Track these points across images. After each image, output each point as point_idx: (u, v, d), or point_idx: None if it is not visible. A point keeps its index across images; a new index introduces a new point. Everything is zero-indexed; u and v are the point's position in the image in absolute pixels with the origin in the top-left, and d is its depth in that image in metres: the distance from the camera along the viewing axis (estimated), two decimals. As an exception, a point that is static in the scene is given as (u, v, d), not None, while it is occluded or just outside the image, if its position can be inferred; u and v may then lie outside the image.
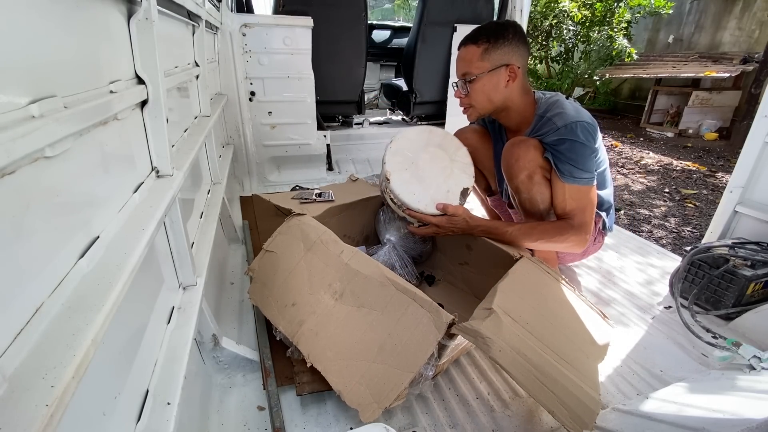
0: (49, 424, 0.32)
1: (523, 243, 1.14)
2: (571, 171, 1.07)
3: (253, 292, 1.05)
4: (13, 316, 0.38)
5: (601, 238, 1.34)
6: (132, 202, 0.66)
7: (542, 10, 6.13)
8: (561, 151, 1.08)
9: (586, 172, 1.08)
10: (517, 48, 1.12)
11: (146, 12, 0.71)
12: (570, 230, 1.09)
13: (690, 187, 3.51)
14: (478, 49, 1.11)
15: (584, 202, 1.10)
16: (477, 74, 1.13)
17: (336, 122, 2.81)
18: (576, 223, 1.10)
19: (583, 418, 0.71)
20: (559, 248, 1.17)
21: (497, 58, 1.11)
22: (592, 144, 1.08)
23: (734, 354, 0.99)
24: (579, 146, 1.07)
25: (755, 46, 5.36)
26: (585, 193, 1.10)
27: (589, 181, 1.09)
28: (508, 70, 1.12)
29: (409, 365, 0.80)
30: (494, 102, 1.17)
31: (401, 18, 11.29)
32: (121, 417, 0.56)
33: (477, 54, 1.12)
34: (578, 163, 1.07)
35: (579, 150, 1.07)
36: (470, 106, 1.20)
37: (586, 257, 1.41)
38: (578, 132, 1.06)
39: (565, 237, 1.10)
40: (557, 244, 1.12)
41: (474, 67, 1.13)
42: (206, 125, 1.30)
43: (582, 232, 1.10)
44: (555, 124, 1.09)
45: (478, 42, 1.12)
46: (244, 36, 2.09)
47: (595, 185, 1.11)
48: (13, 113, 0.38)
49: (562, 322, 0.94)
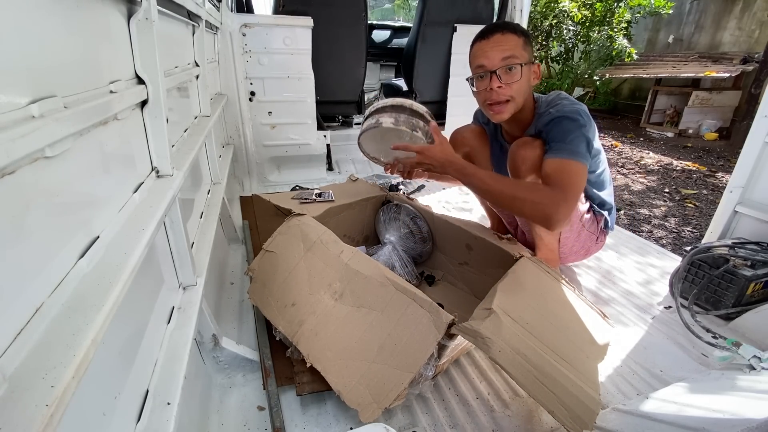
0: (49, 424, 0.32)
1: (492, 187, 1.04)
2: (558, 147, 1.04)
3: (253, 292, 1.05)
4: (13, 316, 0.38)
5: (603, 238, 1.34)
6: (132, 202, 0.66)
7: (542, 10, 6.13)
8: (550, 130, 1.07)
9: (571, 146, 1.03)
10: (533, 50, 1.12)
11: (146, 12, 0.71)
12: (547, 193, 1.00)
13: (690, 187, 3.51)
14: (520, 39, 1.06)
15: (567, 177, 1.02)
16: (524, 61, 1.07)
17: (336, 122, 2.81)
18: (555, 191, 1.00)
19: (583, 418, 0.71)
20: (528, 210, 1.01)
21: (530, 54, 1.10)
22: (582, 121, 1.05)
23: (734, 354, 0.99)
24: (566, 122, 1.04)
25: (755, 46, 5.36)
26: (568, 167, 1.02)
27: (574, 156, 1.02)
28: (536, 66, 1.12)
29: (409, 365, 0.80)
30: (525, 97, 1.13)
31: (401, 18, 11.28)
32: (121, 417, 0.56)
33: (520, 43, 1.06)
34: (565, 140, 1.03)
35: (566, 126, 1.04)
36: (508, 101, 1.10)
37: (588, 257, 1.41)
38: (568, 111, 1.06)
39: (539, 196, 1.00)
40: (526, 205, 1.00)
41: (520, 54, 1.06)
42: (206, 125, 1.30)
43: (559, 201, 0.98)
44: (551, 114, 1.08)
45: (517, 32, 1.07)
46: (244, 36, 2.09)
47: (583, 166, 1.04)
48: (13, 113, 0.38)
49: (562, 322, 0.94)
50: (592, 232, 1.28)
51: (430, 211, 1.40)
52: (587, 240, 1.29)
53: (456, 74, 2.55)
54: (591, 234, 1.28)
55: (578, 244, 1.29)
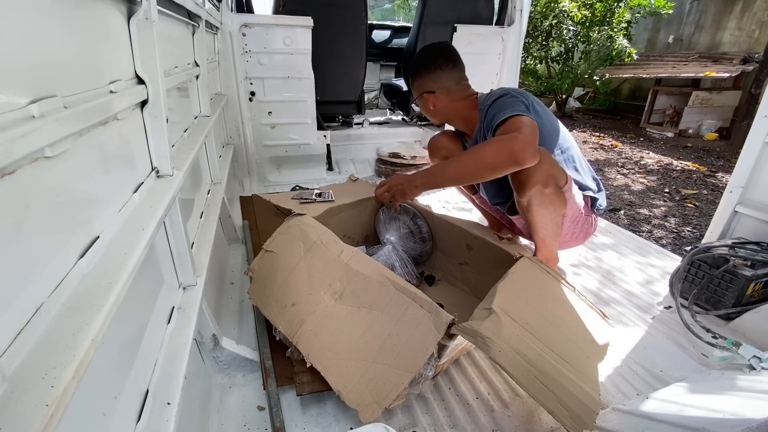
0: (49, 424, 0.32)
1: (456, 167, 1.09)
2: (497, 117, 1.08)
3: (253, 292, 1.05)
4: (13, 316, 0.38)
5: (594, 219, 1.33)
6: (132, 202, 0.66)
7: (542, 10, 6.13)
8: (490, 116, 1.13)
9: (508, 109, 1.08)
10: (428, 77, 1.26)
11: (146, 12, 0.71)
12: (501, 137, 1.03)
13: (690, 187, 3.51)
14: (410, 80, 1.33)
15: (514, 126, 1.04)
16: (413, 99, 1.35)
17: (336, 122, 2.81)
18: (509, 133, 1.03)
19: (583, 418, 0.71)
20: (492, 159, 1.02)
21: (418, 87, 1.30)
22: (513, 93, 1.15)
23: (734, 354, 0.99)
24: (499, 101, 1.13)
25: (755, 46, 5.36)
26: (513, 121, 1.05)
27: (513, 112, 1.06)
28: (427, 95, 1.28)
29: (409, 365, 0.80)
30: (436, 117, 1.35)
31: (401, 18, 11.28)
32: (121, 417, 0.56)
33: (411, 83, 1.34)
34: (499, 109, 1.10)
35: (499, 102, 1.13)
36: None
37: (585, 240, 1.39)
38: (497, 94, 1.16)
39: (495, 142, 1.03)
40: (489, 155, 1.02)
41: (413, 93, 1.35)
42: (206, 125, 1.30)
43: (515, 136, 1.00)
44: (486, 106, 1.17)
45: (408, 75, 1.34)
46: (244, 36, 2.09)
47: (526, 117, 1.06)
48: (13, 113, 0.38)
49: (562, 321, 0.94)
50: (587, 214, 1.28)
51: (430, 211, 1.40)
52: (585, 223, 1.29)
53: (456, 74, 2.55)
54: (587, 217, 1.28)
55: (578, 230, 1.29)
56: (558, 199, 1.12)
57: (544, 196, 1.09)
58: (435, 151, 1.54)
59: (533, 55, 6.78)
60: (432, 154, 1.57)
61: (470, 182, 1.14)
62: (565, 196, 1.15)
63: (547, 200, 1.10)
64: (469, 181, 1.14)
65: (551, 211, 1.13)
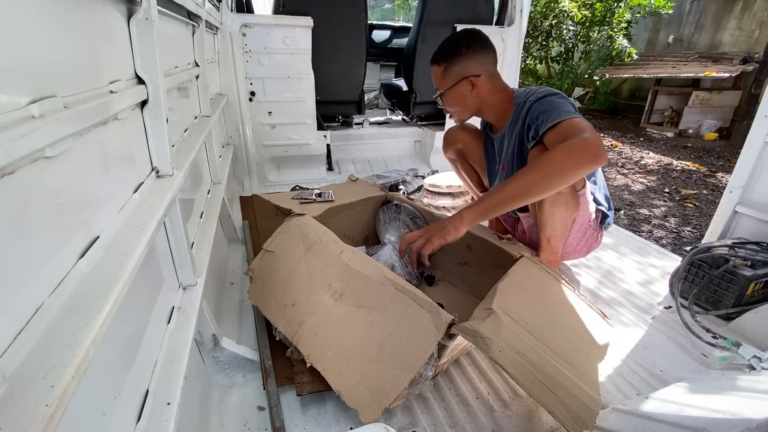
0: (49, 424, 0.32)
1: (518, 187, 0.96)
2: (549, 117, 1.02)
3: (253, 292, 1.05)
4: (13, 316, 0.38)
5: (602, 234, 1.34)
6: (132, 202, 0.66)
7: (542, 10, 6.13)
8: (534, 112, 1.08)
9: (562, 109, 1.02)
10: (474, 58, 1.19)
11: (146, 12, 0.71)
12: (567, 143, 0.93)
13: (690, 187, 3.51)
14: (440, 68, 1.22)
15: (574, 128, 0.97)
16: (443, 90, 1.24)
17: (336, 122, 2.81)
18: (572, 137, 0.94)
19: (583, 418, 0.71)
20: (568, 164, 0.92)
21: (457, 73, 1.20)
22: (562, 95, 1.10)
23: (734, 354, 0.99)
24: (548, 98, 1.08)
25: (755, 46, 5.36)
26: (570, 124, 0.99)
27: (569, 115, 1.01)
28: (468, 81, 1.20)
29: (409, 365, 0.80)
30: (469, 108, 1.27)
31: (401, 18, 11.27)
32: (121, 417, 0.56)
33: (439, 73, 1.23)
34: (553, 109, 1.03)
35: (549, 100, 1.07)
36: (452, 115, 1.33)
37: (588, 254, 1.40)
38: (545, 92, 1.11)
39: (563, 150, 0.92)
40: (559, 164, 0.92)
41: (441, 85, 1.25)
42: (206, 125, 1.30)
43: (583, 138, 0.92)
44: (529, 102, 1.13)
45: (438, 62, 1.22)
46: (244, 36, 2.09)
47: (582, 120, 1.01)
48: (13, 113, 0.38)
49: (562, 321, 0.94)
50: (594, 229, 1.29)
51: (430, 211, 1.40)
52: (590, 237, 1.30)
53: (456, 74, 2.55)
54: (594, 231, 1.29)
55: (582, 242, 1.30)
56: (572, 200, 1.12)
57: (559, 195, 1.08)
58: (451, 143, 1.51)
59: (533, 55, 6.78)
60: (447, 147, 1.54)
61: (537, 197, 0.97)
62: (579, 201, 1.14)
63: (561, 200, 1.10)
64: (537, 195, 0.97)
65: (563, 212, 1.12)
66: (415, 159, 2.90)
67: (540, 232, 1.19)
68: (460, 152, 1.52)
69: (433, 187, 2.13)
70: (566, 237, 1.21)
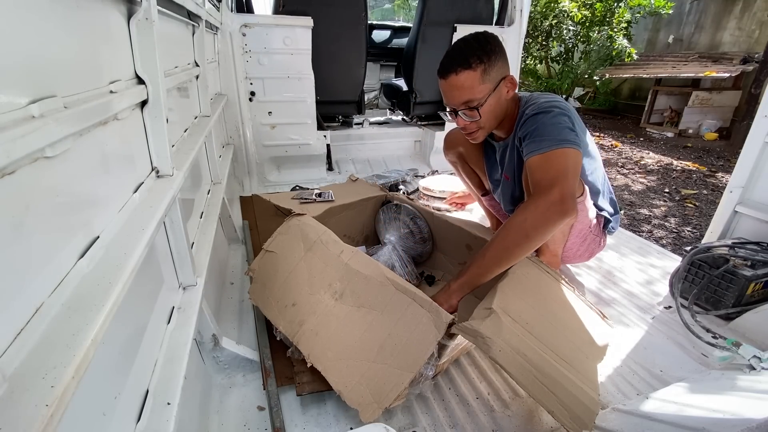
0: (49, 424, 0.32)
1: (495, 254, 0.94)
2: (536, 142, 0.99)
3: (253, 292, 1.05)
4: (13, 316, 0.38)
5: (605, 239, 1.33)
6: (132, 202, 0.66)
7: (542, 10, 6.13)
8: (526, 129, 1.03)
9: (551, 136, 0.98)
10: (504, 57, 1.07)
11: (146, 12, 0.71)
12: (539, 202, 0.91)
13: (690, 187, 3.51)
14: (476, 72, 1.02)
15: (553, 169, 0.95)
16: (483, 98, 1.05)
17: (336, 122, 2.81)
18: (545, 192, 0.92)
19: (583, 418, 0.71)
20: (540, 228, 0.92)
21: (495, 76, 1.05)
22: (559, 110, 1.02)
23: (734, 354, 0.99)
24: (541, 116, 1.01)
25: (755, 46, 5.36)
26: (552, 158, 0.96)
27: (556, 144, 0.96)
28: (507, 81, 1.08)
29: (409, 365, 0.80)
30: (499, 118, 1.14)
31: (401, 18, 11.27)
32: (121, 417, 0.56)
33: (476, 78, 1.03)
34: (543, 133, 0.99)
35: (541, 119, 1.01)
36: (478, 129, 1.13)
37: (590, 258, 1.41)
38: (543, 106, 1.03)
39: (534, 212, 0.91)
40: (532, 228, 0.92)
41: (478, 93, 1.04)
42: (206, 125, 1.30)
43: (553, 200, 0.90)
44: (526, 115, 1.06)
45: (472, 66, 1.02)
46: (244, 36, 2.09)
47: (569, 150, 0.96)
48: (13, 113, 0.38)
49: (562, 322, 0.94)
50: (596, 234, 1.28)
51: (430, 211, 1.40)
52: (592, 243, 1.29)
53: (456, 74, 2.55)
54: (595, 237, 1.29)
55: (583, 248, 1.30)
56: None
57: None
58: (452, 146, 1.45)
59: (533, 55, 6.78)
60: (448, 150, 1.49)
61: (519, 258, 0.95)
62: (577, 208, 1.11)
63: None
64: (518, 256, 0.96)
65: None
66: (415, 159, 2.90)
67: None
68: (461, 155, 1.48)
69: (426, 191, 2.13)
70: (565, 242, 1.21)
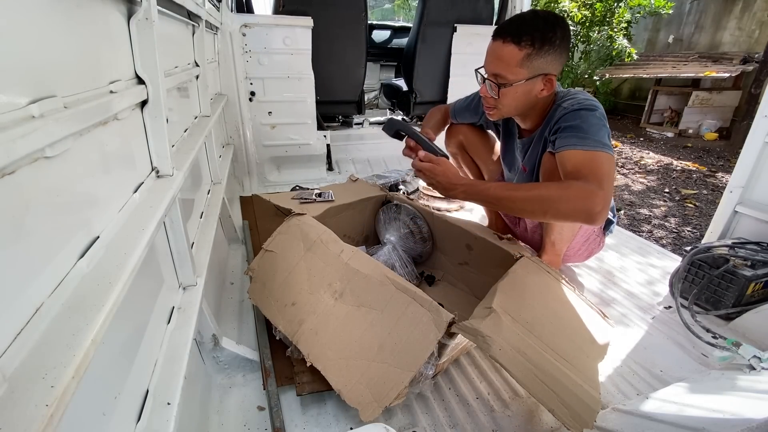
0: (49, 424, 0.32)
1: (513, 194, 0.92)
2: (580, 138, 0.93)
3: (253, 292, 1.05)
4: (13, 316, 0.38)
5: (604, 239, 1.34)
6: (132, 202, 0.66)
7: (542, 10, 6.12)
8: (565, 121, 0.98)
9: (596, 137, 0.92)
10: (560, 55, 0.98)
11: (146, 12, 0.71)
12: (581, 186, 0.86)
13: (690, 187, 3.51)
14: (520, 52, 0.96)
15: (598, 168, 0.89)
16: (512, 81, 0.99)
17: (336, 122, 2.81)
18: (589, 182, 0.87)
19: (584, 417, 0.71)
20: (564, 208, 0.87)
21: (538, 67, 0.97)
22: (601, 112, 0.98)
23: (734, 354, 0.99)
24: (584, 113, 0.95)
25: (755, 46, 5.36)
26: (598, 158, 0.91)
27: (600, 147, 0.92)
28: (545, 80, 1.01)
29: (410, 364, 0.80)
30: (521, 108, 1.08)
31: (401, 18, 11.27)
32: (121, 417, 0.56)
33: (517, 58, 0.96)
34: (588, 131, 0.93)
35: (585, 116, 0.95)
36: (494, 108, 1.08)
37: (589, 258, 1.41)
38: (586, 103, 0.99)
39: (573, 192, 0.86)
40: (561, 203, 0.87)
41: (510, 72, 0.98)
42: (206, 125, 1.30)
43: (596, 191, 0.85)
44: (565, 108, 1.01)
45: (521, 43, 0.95)
46: (244, 36, 2.09)
47: (611, 157, 0.92)
48: (13, 113, 0.38)
49: (563, 321, 0.94)
50: (597, 235, 1.29)
51: (430, 211, 1.40)
52: (592, 243, 1.30)
53: (456, 74, 2.55)
54: (596, 237, 1.29)
55: (584, 248, 1.30)
56: None
57: None
58: (453, 136, 1.49)
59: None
60: (449, 140, 1.52)
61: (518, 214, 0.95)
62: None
63: None
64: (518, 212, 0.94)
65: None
66: (415, 159, 2.90)
67: (546, 234, 1.19)
68: (462, 145, 1.51)
69: (426, 191, 2.14)
70: (570, 242, 1.21)
